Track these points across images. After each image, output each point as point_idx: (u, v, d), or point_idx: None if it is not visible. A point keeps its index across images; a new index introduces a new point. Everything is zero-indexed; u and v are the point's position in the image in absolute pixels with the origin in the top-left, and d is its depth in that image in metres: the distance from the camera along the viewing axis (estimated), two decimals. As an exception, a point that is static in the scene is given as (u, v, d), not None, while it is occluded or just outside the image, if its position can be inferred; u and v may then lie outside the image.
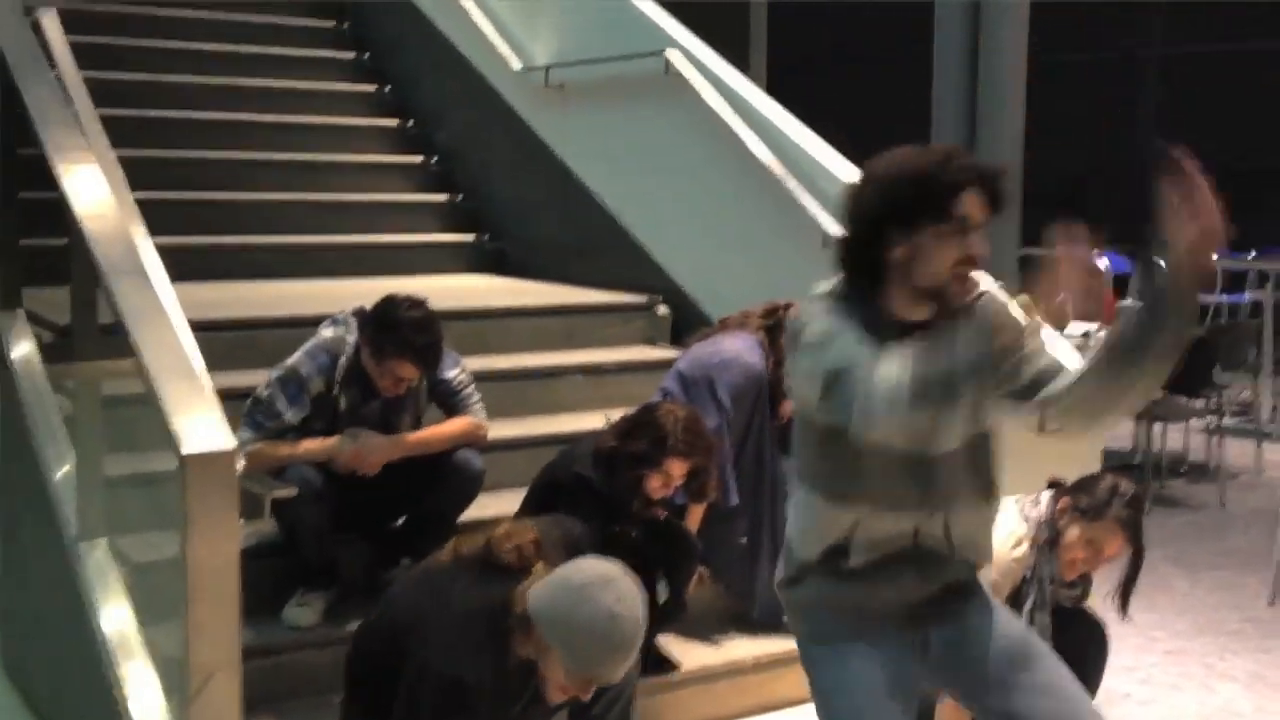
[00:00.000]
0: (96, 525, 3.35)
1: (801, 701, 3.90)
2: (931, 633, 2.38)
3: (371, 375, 3.57)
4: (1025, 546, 3.14)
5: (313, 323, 4.61)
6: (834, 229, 4.44)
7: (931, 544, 2.31)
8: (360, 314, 3.63)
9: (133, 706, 2.95)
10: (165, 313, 2.91)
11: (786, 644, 3.95)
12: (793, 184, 4.63)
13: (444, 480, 3.65)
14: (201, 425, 2.59)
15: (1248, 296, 9.81)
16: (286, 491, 3.19)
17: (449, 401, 3.74)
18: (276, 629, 3.51)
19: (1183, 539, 5.72)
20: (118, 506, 3.38)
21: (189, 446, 2.52)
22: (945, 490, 2.28)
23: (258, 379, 3.62)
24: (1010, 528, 3.13)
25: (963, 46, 8.88)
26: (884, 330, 2.19)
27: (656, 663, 3.67)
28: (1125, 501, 3.13)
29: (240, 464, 2.74)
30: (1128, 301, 7.85)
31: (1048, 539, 3.16)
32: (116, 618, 3.17)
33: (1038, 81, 8.95)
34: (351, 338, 3.59)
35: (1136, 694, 4.19)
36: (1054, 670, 2.41)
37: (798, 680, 3.90)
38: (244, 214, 6.06)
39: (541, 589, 2.59)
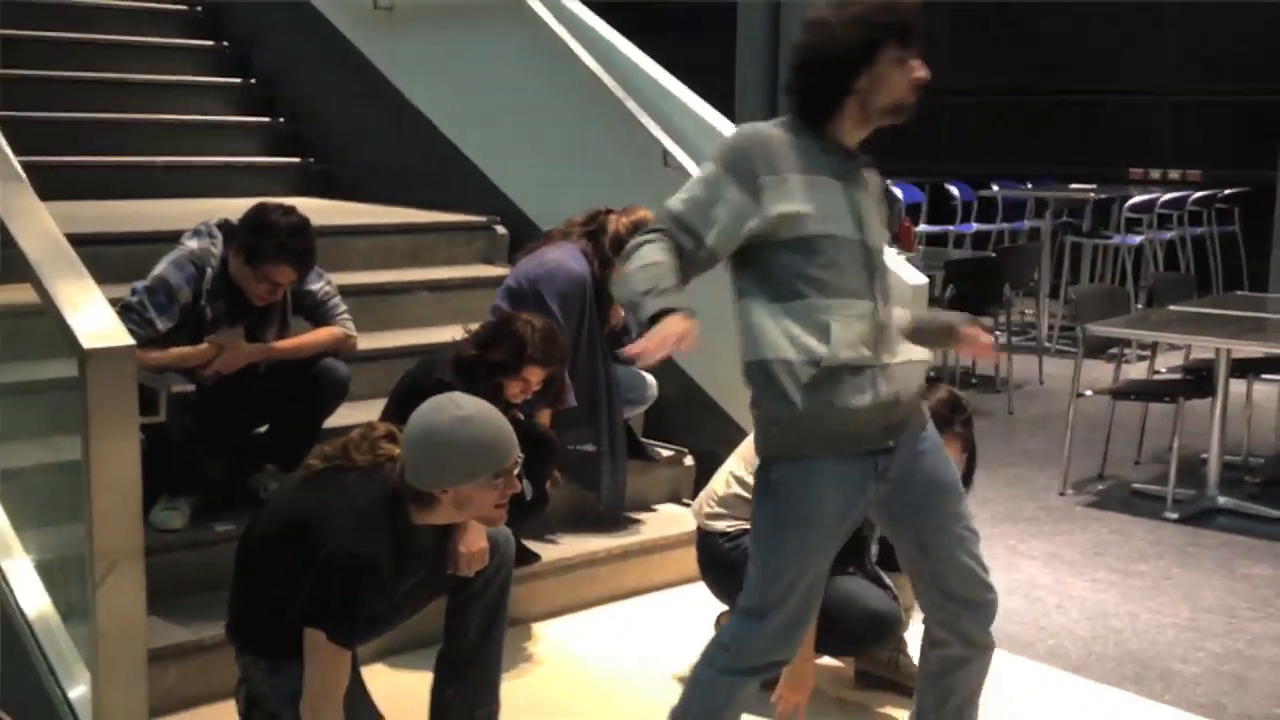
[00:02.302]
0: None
1: (648, 590, 4.23)
2: (896, 450, 2.59)
3: (243, 284, 3.61)
4: None
5: (154, 239, 4.63)
6: (673, 147, 4.68)
7: (890, 352, 2.56)
8: (225, 225, 3.67)
9: (24, 605, 2.99)
10: (48, 217, 2.93)
11: (634, 538, 4.26)
12: (632, 105, 4.81)
13: (309, 387, 3.74)
14: (99, 321, 2.65)
15: (1026, 224, 10.50)
16: (184, 387, 3.24)
17: (317, 312, 3.81)
18: (145, 532, 3.56)
19: (978, 442, 6.20)
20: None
21: (90, 342, 2.59)
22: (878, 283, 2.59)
23: (110, 294, 3.63)
24: None
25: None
26: (833, 154, 2.57)
27: (520, 555, 3.86)
28: (964, 419, 3.39)
29: None
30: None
31: None
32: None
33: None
34: (218, 249, 3.62)
35: (949, 573, 4.60)
36: (965, 521, 2.70)
37: (644, 571, 4.24)
38: (60, 134, 5.90)
39: (406, 459, 2.75)
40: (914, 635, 3.66)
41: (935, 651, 2.80)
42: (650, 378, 4.49)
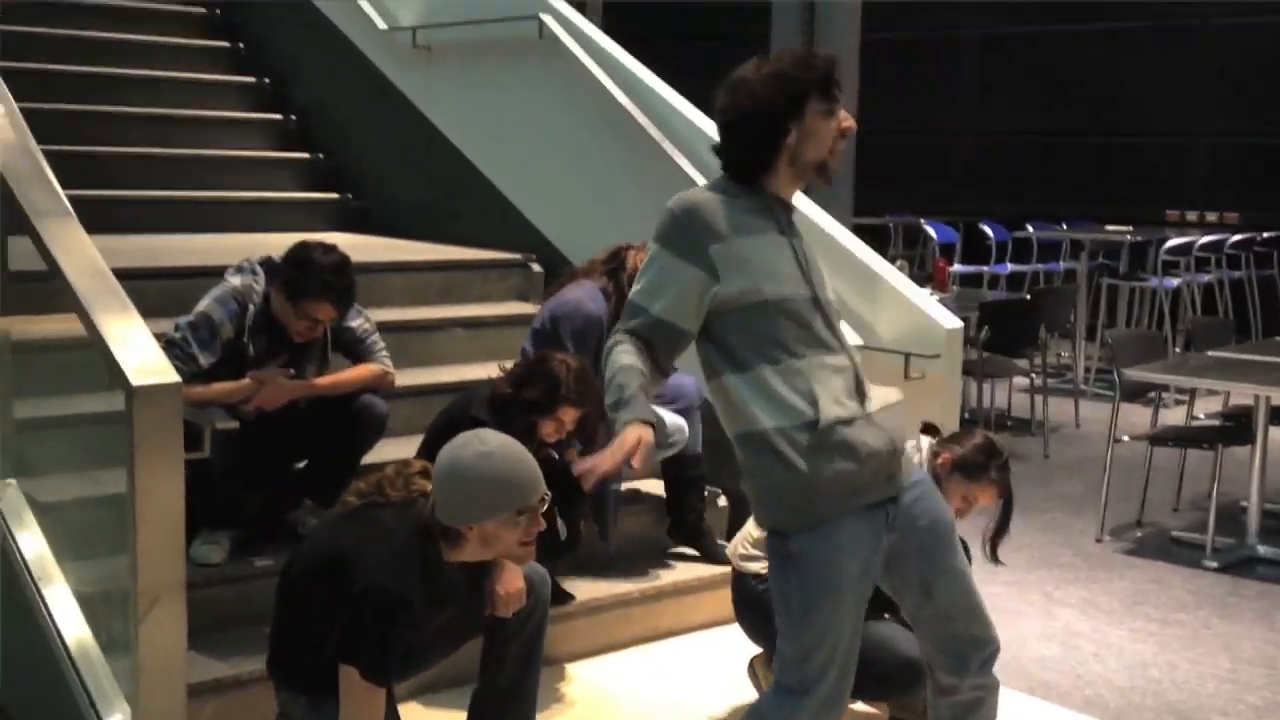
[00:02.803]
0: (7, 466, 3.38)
1: (682, 631, 4.21)
2: (899, 497, 2.60)
3: (284, 320, 3.64)
4: None
5: (195, 274, 4.68)
6: (695, 175, 4.69)
7: (865, 402, 2.55)
8: (268, 262, 3.71)
9: (66, 635, 3.01)
10: (97, 255, 2.97)
11: (667, 579, 4.24)
12: (668, 145, 4.83)
13: (348, 423, 3.76)
14: (147, 358, 2.68)
15: (1062, 266, 10.46)
16: (228, 423, 3.27)
17: (355, 349, 3.84)
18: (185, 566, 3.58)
19: (1014, 486, 6.16)
20: (38, 449, 3.41)
21: (137, 378, 2.62)
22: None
23: (151, 328, 3.66)
24: None
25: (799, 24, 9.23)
26: (775, 212, 2.58)
27: (554, 595, 3.85)
28: (999, 464, 3.37)
29: None
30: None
31: None
32: (37, 551, 3.21)
33: (868, 55, 9.37)
34: (260, 286, 3.66)
35: (985, 618, 4.56)
36: (963, 560, 2.73)
37: (678, 612, 4.22)
38: (102, 167, 5.98)
39: (435, 495, 2.77)
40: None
41: (945, 699, 2.79)
42: (680, 420, 4.46)
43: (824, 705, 2.56)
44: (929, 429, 3.54)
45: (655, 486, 4.50)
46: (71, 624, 3.08)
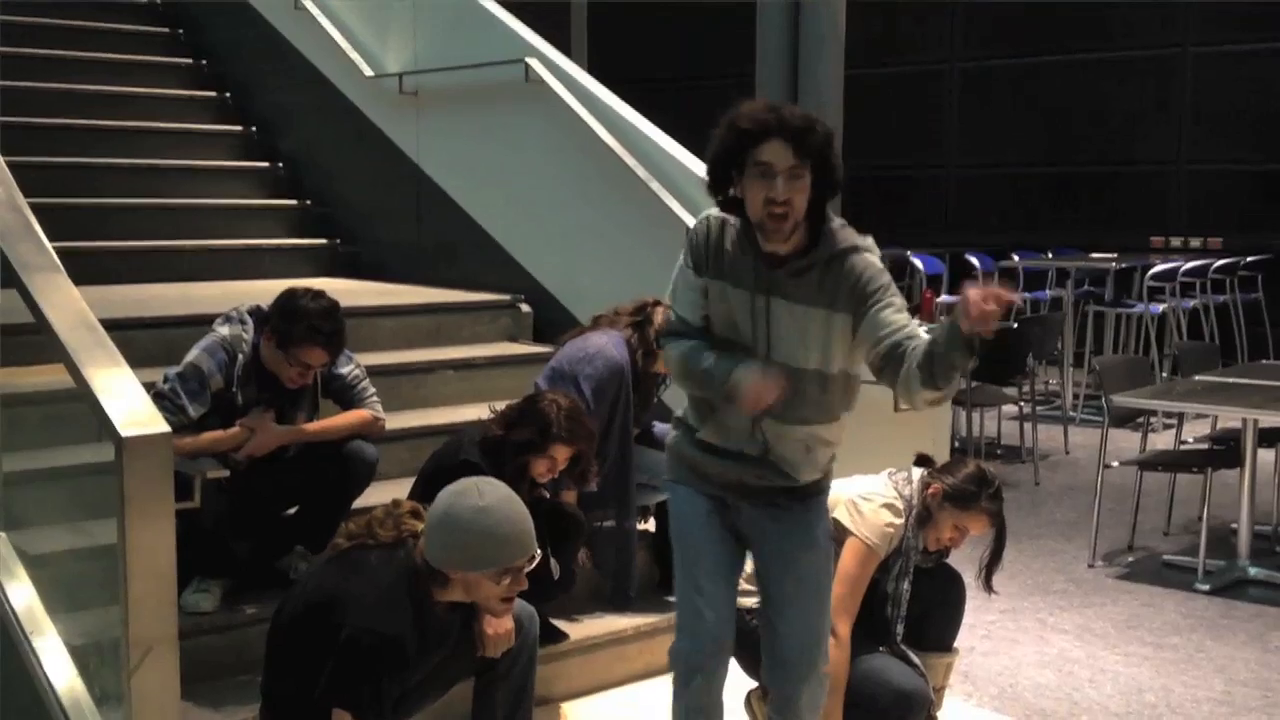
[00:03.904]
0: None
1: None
2: (744, 506, 2.93)
3: (275, 369, 3.66)
4: (901, 521, 3.39)
5: (184, 323, 4.71)
6: (688, 218, 4.73)
7: (753, 450, 2.84)
8: (256, 312, 3.72)
9: (58, 687, 3.00)
10: (85, 307, 2.99)
11: (662, 616, 4.24)
12: (656, 185, 4.87)
13: (338, 469, 3.77)
14: (136, 409, 2.69)
15: (1048, 294, 10.50)
16: (218, 472, 3.28)
17: (345, 396, 3.85)
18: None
19: (1005, 512, 6.18)
20: (24, 501, 3.41)
21: (127, 430, 2.63)
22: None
23: (140, 378, 3.68)
24: (885, 497, 3.40)
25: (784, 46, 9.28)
26: (754, 259, 2.71)
27: (548, 633, 3.87)
28: (991, 493, 3.40)
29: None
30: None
31: (917, 516, 3.43)
32: (27, 603, 3.21)
33: (853, 92, 9.43)
34: (249, 335, 3.67)
35: (980, 647, 4.58)
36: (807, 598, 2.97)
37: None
38: (90, 218, 6.02)
39: (425, 537, 2.81)
40: (943, 713, 3.65)
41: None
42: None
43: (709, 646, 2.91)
44: (923, 460, 3.56)
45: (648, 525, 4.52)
46: (63, 676, 3.07)
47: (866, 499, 3.38)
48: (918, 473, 3.48)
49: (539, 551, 2.83)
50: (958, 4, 12.17)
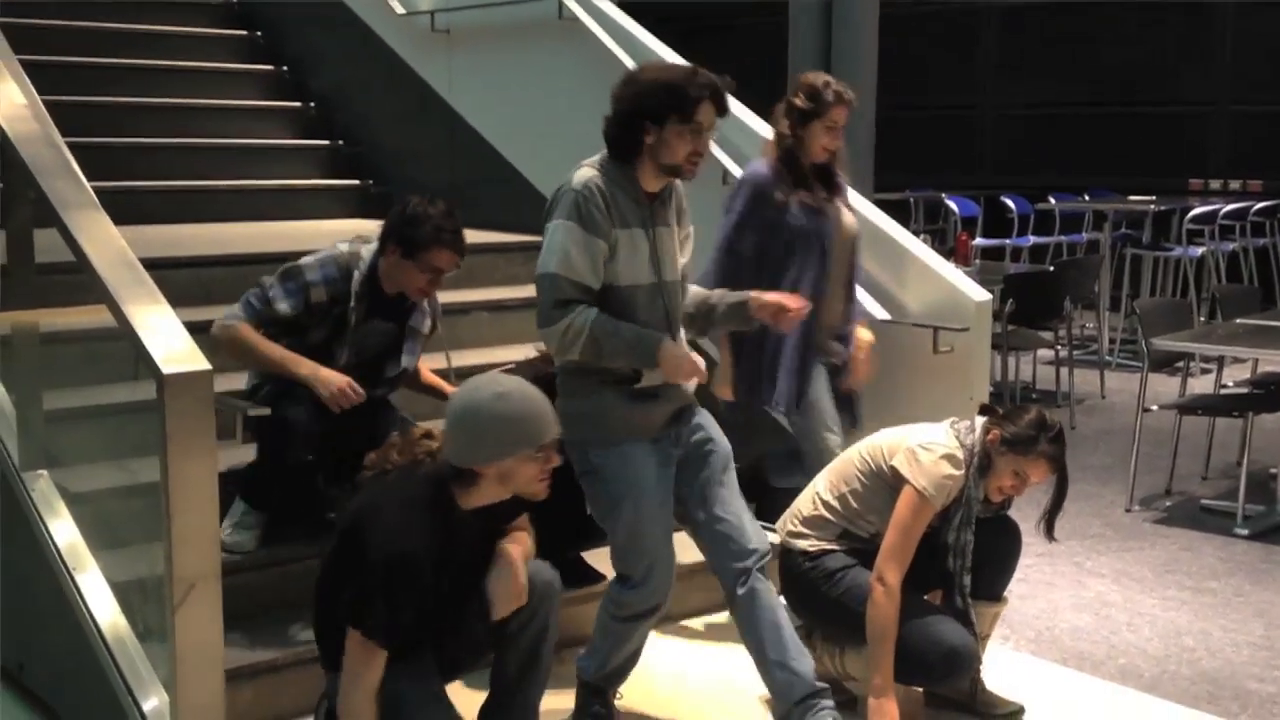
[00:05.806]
0: (39, 457, 3.40)
1: (714, 609, 4.20)
2: (682, 431, 3.21)
3: (401, 285, 3.59)
4: (960, 473, 3.35)
5: (220, 263, 4.71)
6: (731, 166, 4.68)
7: None
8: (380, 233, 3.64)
9: (101, 622, 3.03)
10: (125, 245, 2.98)
11: (696, 557, 4.22)
12: (690, 123, 4.80)
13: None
14: (177, 347, 2.69)
15: (1085, 237, 10.40)
16: (260, 410, 3.26)
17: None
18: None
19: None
20: (65, 440, 3.42)
21: (168, 366, 2.62)
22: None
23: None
24: (946, 447, 3.35)
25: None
26: (639, 203, 3.06)
27: (584, 574, 3.87)
28: (1051, 436, 3.33)
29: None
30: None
31: (978, 465, 3.39)
32: (69, 539, 3.23)
33: (888, 29, 9.30)
34: (367, 254, 3.60)
35: (1017, 590, 4.51)
36: (735, 488, 3.27)
37: (710, 588, 4.20)
38: (125, 158, 5.99)
39: (448, 442, 2.82)
40: (988, 667, 3.63)
41: (730, 603, 3.30)
42: None
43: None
44: (986, 410, 3.51)
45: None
46: (106, 611, 3.10)
47: (926, 449, 3.33)
48: (980, 421, 3.43)
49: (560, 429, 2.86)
50: (995, -59, 11.99)
